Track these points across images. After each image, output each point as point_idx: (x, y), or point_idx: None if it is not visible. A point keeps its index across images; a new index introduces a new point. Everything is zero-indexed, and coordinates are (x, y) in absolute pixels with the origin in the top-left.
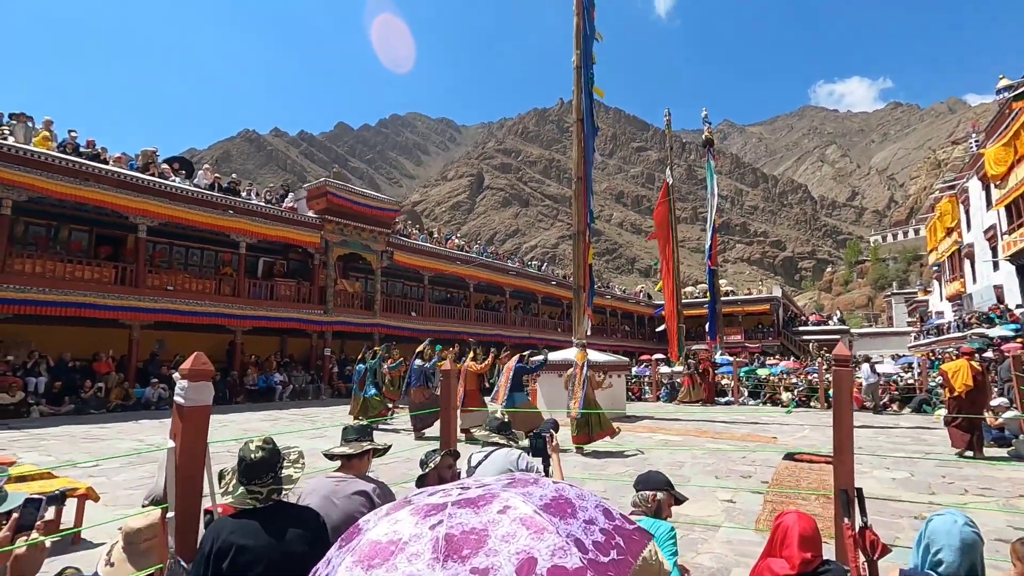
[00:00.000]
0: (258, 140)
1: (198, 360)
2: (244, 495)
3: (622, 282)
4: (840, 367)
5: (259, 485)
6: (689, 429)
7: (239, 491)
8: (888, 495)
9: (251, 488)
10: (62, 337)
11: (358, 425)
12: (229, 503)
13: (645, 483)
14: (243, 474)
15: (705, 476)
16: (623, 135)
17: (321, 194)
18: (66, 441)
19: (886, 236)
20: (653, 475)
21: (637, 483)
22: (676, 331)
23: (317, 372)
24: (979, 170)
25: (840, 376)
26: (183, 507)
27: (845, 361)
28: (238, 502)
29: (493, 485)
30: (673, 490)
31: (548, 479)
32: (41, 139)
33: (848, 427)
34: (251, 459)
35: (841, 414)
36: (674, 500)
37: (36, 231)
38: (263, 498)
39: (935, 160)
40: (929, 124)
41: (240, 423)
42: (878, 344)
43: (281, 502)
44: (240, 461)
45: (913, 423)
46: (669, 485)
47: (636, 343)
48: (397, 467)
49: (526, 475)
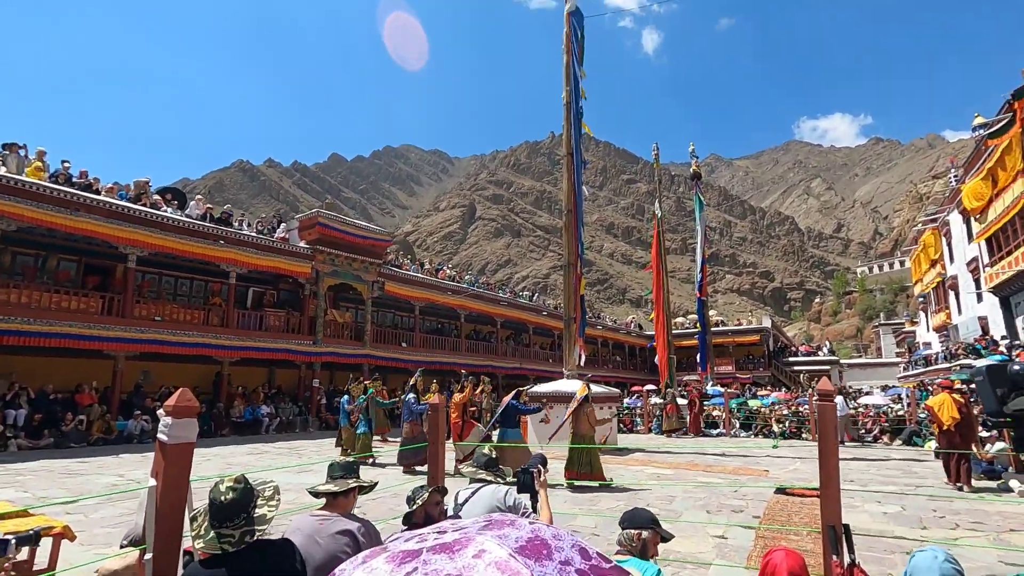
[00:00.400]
0: (252, 170)
1: (184, 396)
2: (215, 540)
3: (613, 312)
4: (824, 401)
5: (231, 528)
6: (681, 462)
7: (210, 535)
8: (880, 530)
9: (222, 532)
10: (45, 368)
11: (344, 462)
12: (200, 548)
13: (630, 521)
14: (214, 517)
15: (696, 511)
16: (613, 167)
17: (313, 224)
18: (44, 477)
19: (872, 267)
20: (639, 512)
21: (622, 520)
22: (667, 362)
23: (305, 404)
24: (959, 204)
25: (824, 410)
26: (162, 548)
27: (829, 395)
28: (209, 548)
29: (469, 528)
30: (659, 528)
31: (525, 520)
32: (34, 169)
33: (834, 462)
34: (221, 501)
35: (827, 448)
36: (660, 538)
37: (24, 261)
38: (235, 541)
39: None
40: (910, 159)
41: (224, 457)
42: (868, 375)
43: (254, 544)
44: (211, 504)
45: (904, 455)
46: (655, 522)
47: (628, 374)
48: (384, 502)
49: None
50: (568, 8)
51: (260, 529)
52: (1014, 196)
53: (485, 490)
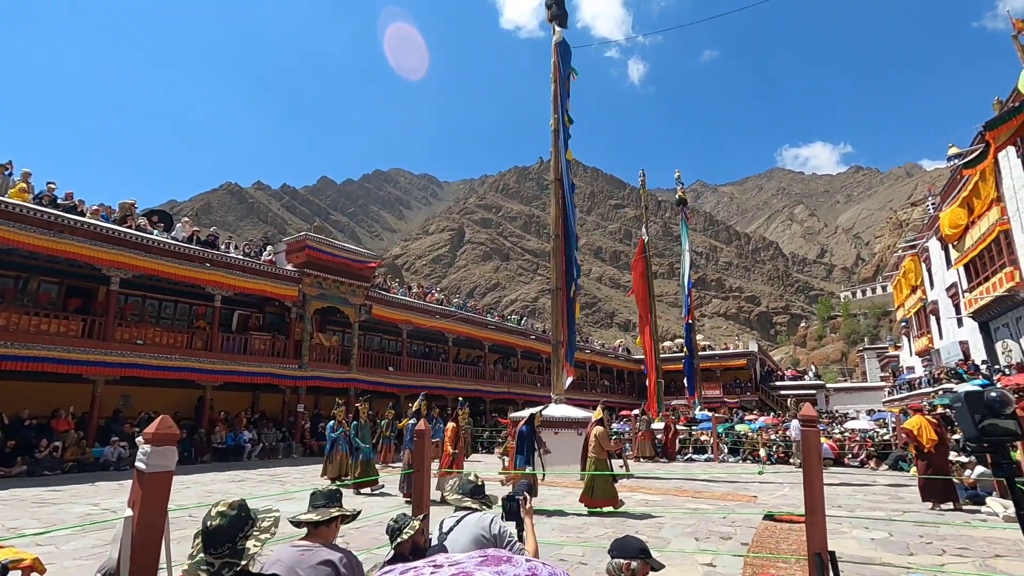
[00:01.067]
0: (240, 192)
1: (164, 423)
2: (199, 564)
3: (601, 336)
4: (807, 427)
5: (213, 556)
6: (669, 488)
7: (198, 557)
8: (868, 556)
9: (206, 557)
10: (21, 393)
11: (327, 490)
12: (184, 570)
13: (620, 550)
14: (203, 541)
15: (685, 538)
16: (601, 193)
17: (301, 247)
18: (14, 506)
19: (856, 292)
20: (629, 541)
21: (612, 549)
22: (656, 386)
23: (289, 429)
24: (937, 231)
25: (808, 436)
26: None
27: (812, 421)
28: (191, 572)
29: (466, 563)
30: (649, 557)
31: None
32: (17, 191)
33: (819, 488)
34: (207, 526)
35: (811, 475)
36: (650, 568)
37: (4, 282)
38: (213, 572)
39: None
40: (889, 186)
41: (204, 484)
42: (853, 399)
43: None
44: (201, 527)
45: (890, 480)
46: (645, 552)
47: (616, 398)
48: (368, 531)
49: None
50: (555, 39)
51: (238, 563)
52: (989, 224)
53: (470, 518)
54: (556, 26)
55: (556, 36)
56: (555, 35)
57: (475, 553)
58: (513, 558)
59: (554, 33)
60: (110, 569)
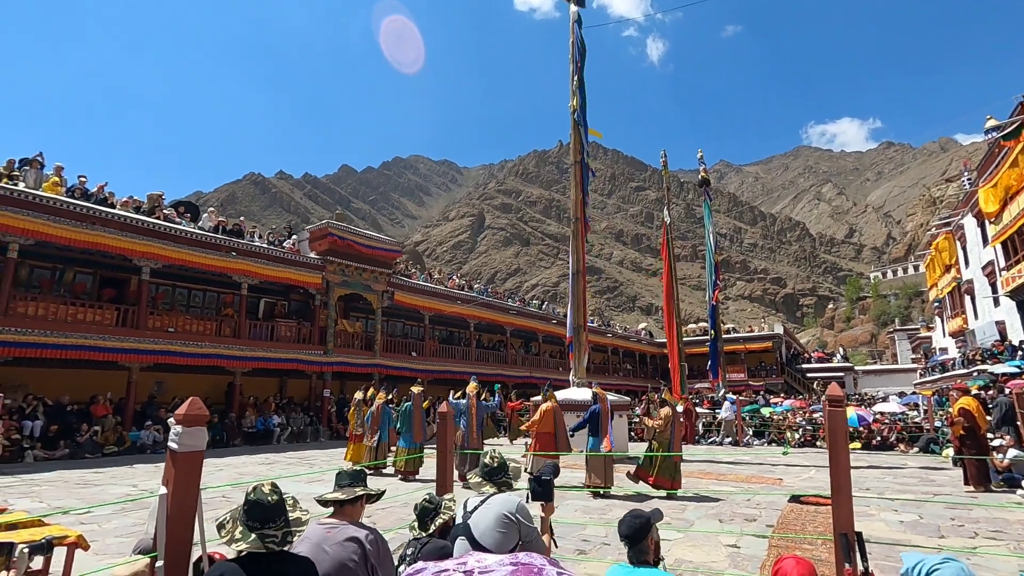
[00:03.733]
0: (263, 183)
1: (194, 405)
2: (258, 540)
3: (624, 320)
4: (833, 408)
5: (274, 528)
6: (692, 471)
7: (251, 536)
8: (897, 539)
9: (265, 532)
10: (61, 379)
11: (352, 470)
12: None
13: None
14: (255, 519)
15: (709, 520)
16: (622, 175)
17: (323, 235)
18: (59, 487)
19: (886, 272)
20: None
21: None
22: (679, 369)
23: (316, 414)
24: (973, 207)
25: (834, 416)
26: (173, 556)
27: (839, 401)
28: (253, 547)
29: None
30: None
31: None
32: (51, 184)
33: (845, 468)
34: (268, 502)
35: (837, 455)
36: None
37: (41, 274)
38: (279, 541)
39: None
40: (922, 163)
41: (236, 467)
42: (883, 381)
43: (280, 554)
44: (255, 505)
45: (921, 463)
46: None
47: (638, 382)
48: (393, 512)
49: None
50: (573, 16)
51: (299, 530)
52: None
53: (496, 498)
54: (573, 5)
55: (573, 13)
56: (572, 12)
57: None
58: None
59: (572, 11)
60: (146, 544)
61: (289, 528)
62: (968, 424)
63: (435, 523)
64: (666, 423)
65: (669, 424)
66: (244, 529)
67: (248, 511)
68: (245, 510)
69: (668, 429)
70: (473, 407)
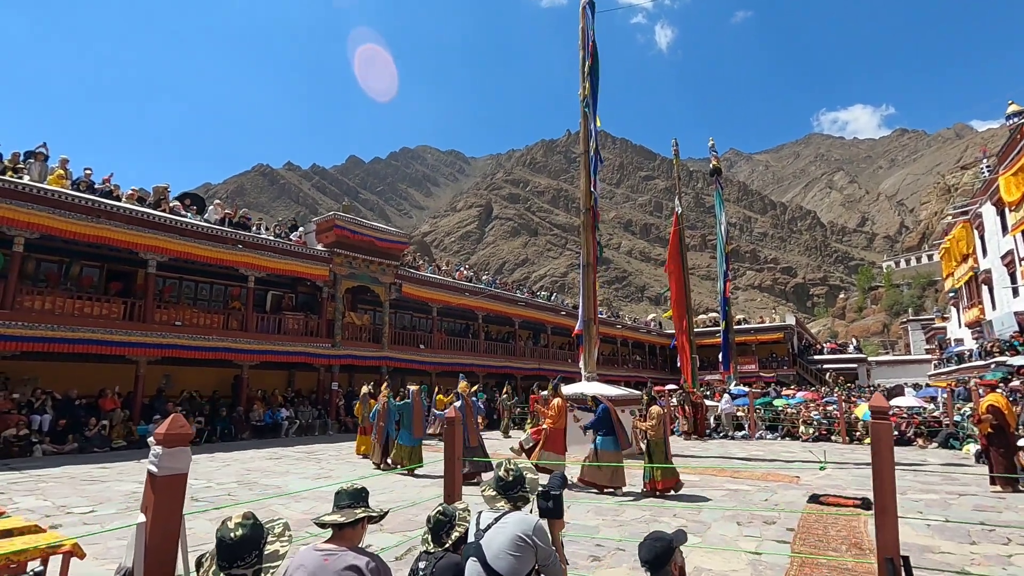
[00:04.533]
0: (271, 174)
1: (175, 423)
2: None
3: (632, 310)
4: (878, 420)
5: (242, 567)
6: (706, 467)
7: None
8: (925, 545)
9: (233, 573)
10: (69, 373)
11: (352, 489)
12: None
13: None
14: (223, 557)
15: (726, 522)
16: (630, 164)
17: (330, 227)
18: (65, 483)
19: (899, 262)
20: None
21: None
22: (689, 361)
23: (324, 407)
24: (993, 195)
25: (879, 430)
26: None
27: (883, 413)
28: None
29: None
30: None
31: None
32: (56, 177)
33: (890, 487)
34: (231, 539)
35: (882, 472)
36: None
37: (48, 267)
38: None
39: (945, 185)
40: (937, 150)
41: (243, 462)
42: (897, 372)
43: None
44: (219, 543)
45: (941, 459)
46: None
47: (648, 374)
48: (402, 512)
49: None
50: (584, 2)
51: (273, 566)
52: None
53: (512, 517)
54: None
55: (584, 1)
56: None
57: None
58: None
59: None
60: (127, 571)
61: (261, 565)
62: (996, 422)
63: (451, 537)
64: (659, 422)
65: (661, 422)
66: (215, 569)
67: (217, 550)
68: (215, 548)
69: (660, 427)
70: (468, 406)
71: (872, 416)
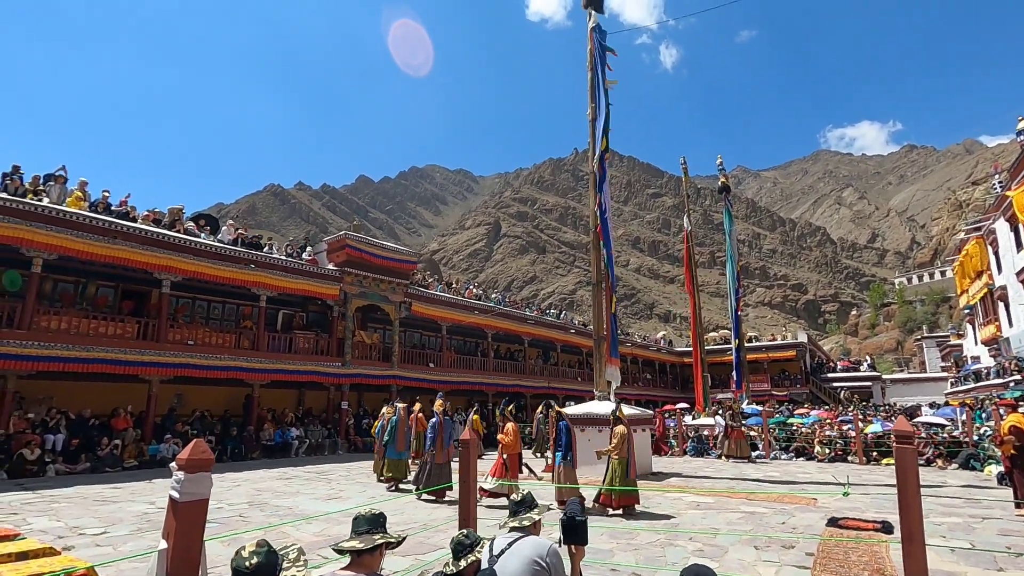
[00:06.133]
0: (282, 193)
1: (197, 448)
2: None
3: (641, 328)
4: (902, 445)
5: None
6: (720, 489)
7: None
8: (950, 571)
9: None
10: (82, 393)
11: (370, 514)
12: None
13: None
14: None
15: (744, 547)
16: (638, 182)
17: (341, 246)
18: (78, 504)
19: (911, 278)
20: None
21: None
22: (702, 379)
23: (334, 426)
24: (1006, 211)
25: (904, 456)
26: None
27: (908, 438)
28: None
29: None
30: None
31: None
32: (74, 199)
33: (917, 514)
34: (246, 568)
35: (908, 499)
36: None
37: (64, 288)
38: None
39: (956, 201)
40: (947, 165)
41: (254, 482)
42: (912, 390)
43: None
44: (234, 573)
45: (962, 480)
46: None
47: (659, 392)
48: (413, 535)
49: None
50: (591, 24)
51: None
52: None
53: (525, 543)
54: (592, 11)
55: (591, 21)
56: (590, 20)
57: None
58: None
59: (590, 19)
60: None
61: None
62: (1020, 443)
63: (467, 560)
64: (621, 441)
65: (624, 442)
66: None
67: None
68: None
69: (624, 447)
70: (440, 424)
71: (897, 441)
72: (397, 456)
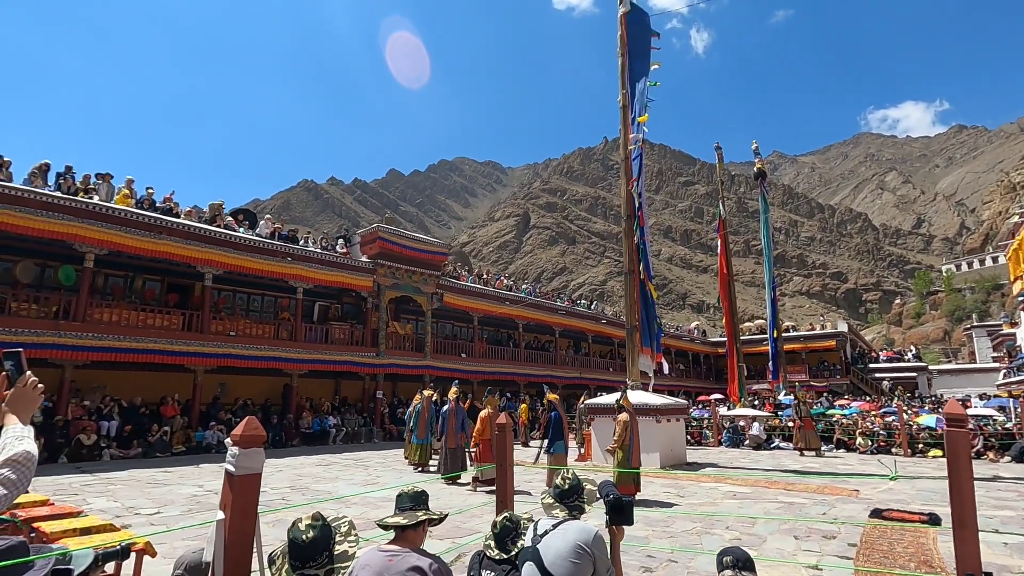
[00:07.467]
0: (316, 189)
1: (250, 425)
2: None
3: (674, 318)
4: (954, 428)
5: (314, 567)
6: (758, 479)
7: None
8: (1004, 564)
9: (305, 572)
10: (133, 382)
11: (413, 492)
12: None
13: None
14: (295, 557)
15: (783, 536)
16: (669, 170)
17: (374, 239)
18: (132, 486)
19: (960, 264)
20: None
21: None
22: (736, 370)
23: (370, 415)
24: None
25: (955, 439)
26: None
27: (961, 420)
28: None
29: None
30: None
31: None
32: (122, 197)
33: (970, 499)
34: (303, 540)
35: (960, 484)
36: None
37: (114, 282)
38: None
39: (1009, 183)
40: (999, 146)
41: (294, 467)
42: (961, 382)
43: None
44: (291, 544)
45: (1015, 474)
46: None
47: (692, 382)
48: (449, 520)
49: None
50: (623, 10)
51: (344, 566)
52: None
53: (571, 525)
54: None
55: (623, 7)
56: (621, 6)
57: None
58: None
59: (620, 4)
60: (191, 562)
61: (333, 565)
62: None
63: (516, 545)
64: (624, 430)
65: (628, 430)
66: (288, 568)
67: (289, 550)
68: (287, 548)
69: (627, 435)
70: (452, 411)
71: (948, 424)
72: (419, 442)
